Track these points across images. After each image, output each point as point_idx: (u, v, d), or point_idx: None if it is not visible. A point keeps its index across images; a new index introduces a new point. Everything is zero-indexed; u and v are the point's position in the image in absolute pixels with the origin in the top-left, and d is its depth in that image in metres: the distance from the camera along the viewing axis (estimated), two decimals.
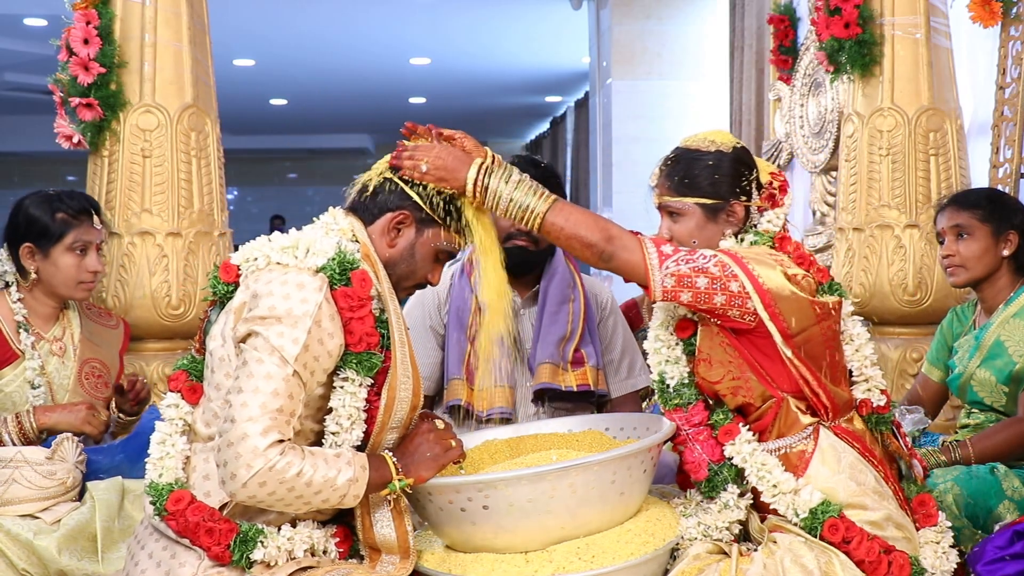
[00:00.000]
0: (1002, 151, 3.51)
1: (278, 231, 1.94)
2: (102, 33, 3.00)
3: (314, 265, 1.81)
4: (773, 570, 1.82)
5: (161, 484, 1.82)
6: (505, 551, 1.85)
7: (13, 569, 2.27)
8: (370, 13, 8.19)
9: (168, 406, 1.89)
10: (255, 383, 1.72)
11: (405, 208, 1.93)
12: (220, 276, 1.89)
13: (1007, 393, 2.55)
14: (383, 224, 1.93)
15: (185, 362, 1.92)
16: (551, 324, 2.63)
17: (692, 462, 1.97)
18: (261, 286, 1.78)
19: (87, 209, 2.59)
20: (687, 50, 7.09)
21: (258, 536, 1.77)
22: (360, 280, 1.82)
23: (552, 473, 1.81)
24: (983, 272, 2.62)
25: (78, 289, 2.60)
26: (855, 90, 3.41)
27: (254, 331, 1.75)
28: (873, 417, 2.06)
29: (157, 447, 1.86)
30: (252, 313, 1.76)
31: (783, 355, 1.93)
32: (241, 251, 1.89)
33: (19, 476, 2.35)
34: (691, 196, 2.05)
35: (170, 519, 1.78)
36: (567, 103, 12.50)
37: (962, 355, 2.66)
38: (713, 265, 1.90)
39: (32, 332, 2.59)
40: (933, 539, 2.00)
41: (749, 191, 2.06)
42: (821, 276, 2.03)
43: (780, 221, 2.07)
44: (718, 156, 2.05)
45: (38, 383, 2.55)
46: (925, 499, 2.04)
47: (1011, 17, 3.46)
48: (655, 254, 1.91)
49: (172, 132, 3.08)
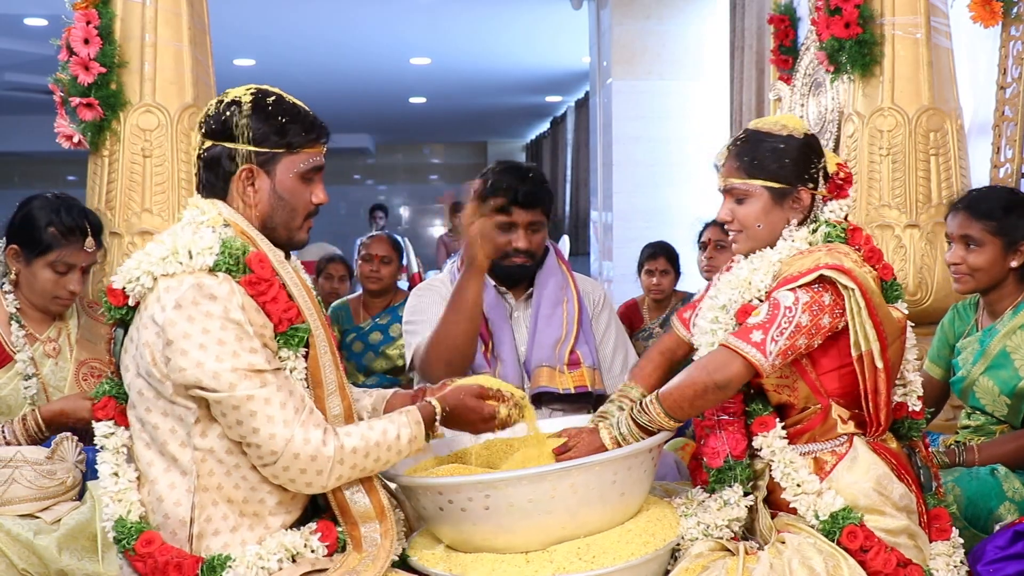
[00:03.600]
0: (1003, 151, 3.51)
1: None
2: (102, 33, 3.00)
3: (205, 266, 1.77)
4: (780, 570, 1.82)
5: (129, 523, 1.80)
6: (505, 551, 1.85)
7: (13, 569, 2.27)
8: (370, 13, 8.18)
9: (104, 436, 1.86)
10: (258, 419, 1.72)
11: (242, 163, 1.84)
12: (109, 301, 1.84)
13: (1009, 405, 2.53)
14: (235, 190, 1.85)
15: (108, 387, 1.88)
16: (546, 326, 2.64)
17: (712, 448, 1.96)
18: (173, 333, 1.72)
19: (81, 230, 2.54)
20: (687, 50, 7.08)
21: (226, 562, 1.77)
22: (259, 262, 1.79)
23: (553, 473, 1.81)
24: (989, 283, 2.59)
25: (52, 303, 2.58)
26: (855, 90, 3.41)
27: (215, 399, 1.72)
28: (907, 422, 2.05)
29: (111, 479, 1.83)
30: (185, 378, 1.71)
31: (857, 362, 1.91)
32: (121, 272, 1.83)
33: (19, 476, 2.35)
34: (759, 178, 2.01)
35: (137, 560, 1.78)
36: (567, 103, 12.49)
37: (966, 357, 2.64)
38: (802, 314, 1.87)
39: (26, 332, 2.58)
40: (946, 552, 1.99)
41: (816, 179, 2.04)
42: (885, 273, 2.01)
43: (843, 212, 2.05)
44: (788, 140, 2.02)
45: (29, 381, 2.54)
46: (941, 513, 2.03)
47: (1012, 17, 3.46)
48: (752, 350, 1.87)
49: (172, 132, 3.08)
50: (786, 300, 1.88)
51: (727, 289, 2.02)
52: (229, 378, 1.71)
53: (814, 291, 1.89)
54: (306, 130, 1.87)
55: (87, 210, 2.64)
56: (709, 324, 2.00)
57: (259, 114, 1.84)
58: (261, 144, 1.84)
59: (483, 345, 2.61)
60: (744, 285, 1.99)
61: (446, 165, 17.76)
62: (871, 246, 2.02)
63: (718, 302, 2.01)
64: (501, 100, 12.62)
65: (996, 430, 2.57)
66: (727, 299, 2.00)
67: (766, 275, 1.98)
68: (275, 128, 1.84)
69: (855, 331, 1.89)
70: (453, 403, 1.94)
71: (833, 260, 1.90)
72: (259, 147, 1.84)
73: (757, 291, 1.98)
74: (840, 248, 1.96)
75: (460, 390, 1.97)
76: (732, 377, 1.87)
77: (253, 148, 1.83)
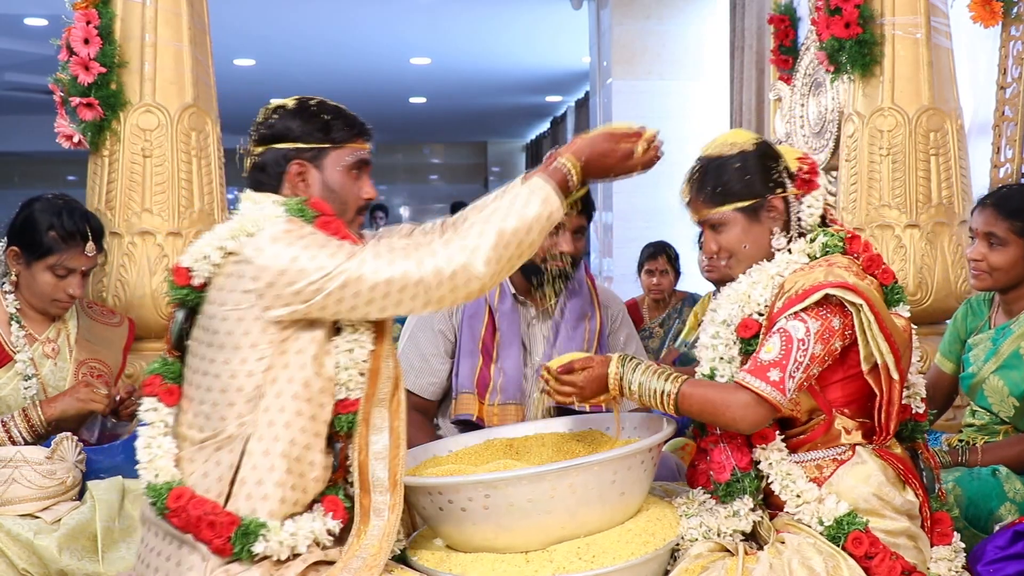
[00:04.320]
0: (1003, 151, 3.51)
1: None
2: (102, 33, 3.00)
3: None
4: (780, 571, 1.81)
5: (159, 484, 1.82)
6: (505, 551, 1.85)
7: (13, 569, 2.27)
8: (370, 13, 8.18)
9: (147, 411, 1.88)
10: (382, 272, 1.77)
11: (292, 158, 1.94)
12: (174, 280, 1.88)
13: (1016, 407, 2.52)
14: (289, 187, 1.94)
15: (157, 366, 1.91)
16: (568, 340, 2.58)
17: (718, 463, 1.95)
18: (279, 261, 1.78)
19: (82, 234, 2.54)
20: (687, 50, 7.08)
21: (259, 529, 1.77)
22: (324, 207, 1.88)
23: (552, 473, 1.81)
24: (1008, 282, 2.57)
25: (51, 306, 2.58)
26: (855, 90, 3.41)
27: (341, 283, 1.77)
28: (910, 424, 2.05)
29: (144, 451, 1.86)
30: (307, 283, 1.77)
31: (870, 374, 1.90)
32: (188, 251, 1.88)
33: (19, 476, 2.35)
34: (729, 203, 2.01)
35: (172, 516, 1.79)
36: (567, 103, 12.49)
37: (977, 355, 2.63)
38: (815, 344, 1.86)
39: (26, 332, 2.58)
40: (947, 557, 1.98)
41: (782, 182, 2.03)
42: (885, 278, 2.01)
43: (820, 203, 2.04)
44: (743, 156, 2.02)
45: (29, 381, 2.54)
46: (943, 518, 2.02)
47: (1012, 17, 3.46)
48: (771, 390, 1.85)
49: (172, 132, 3.08)
50: (797, 332, 1.87)
51: (727, 304, 2.02)
52: (341, 262, 1.77)
53: (822, 316, 1.88)
54: (349, 126, 1.98)
55: (89, 214, 2.64)
56: (710, 339, 2.01)
57: (304, 114, 1.96)
58: (309, 141, 1.93)
59: (482, 357, 2.55)
60: (744, 299, 1.99)
61: (446, 165, 17.75)
62: (870, 253, 2.01)
63: (719, 317, 2.02)
64: (501, 100, 12.62)
65: (1000, 430, 2.57)
66: (727, 314, 2.00)
67: (766, 289, 1.98)
68: (320, 125, 1.95)
69: (866, 345, 1.88)
70: (587, 153, 1.92)
71: (835, 278, 1.89)
72: (307, 144, 1.93)
73: (757, 305, 1.98)
74: (840, 262, 1.95)
75: (587, 138, 1.94)
76: (752, 421, 1.88)
77: (302, 145, 1.93)
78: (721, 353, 1.97)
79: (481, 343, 2.56)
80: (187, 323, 1.90)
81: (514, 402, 2.52)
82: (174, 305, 1.91)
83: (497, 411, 2.51)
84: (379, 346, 1.87)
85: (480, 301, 2.57)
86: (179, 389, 1.89)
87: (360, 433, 1.85)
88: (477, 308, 2.58)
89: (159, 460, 1.85)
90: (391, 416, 1.88)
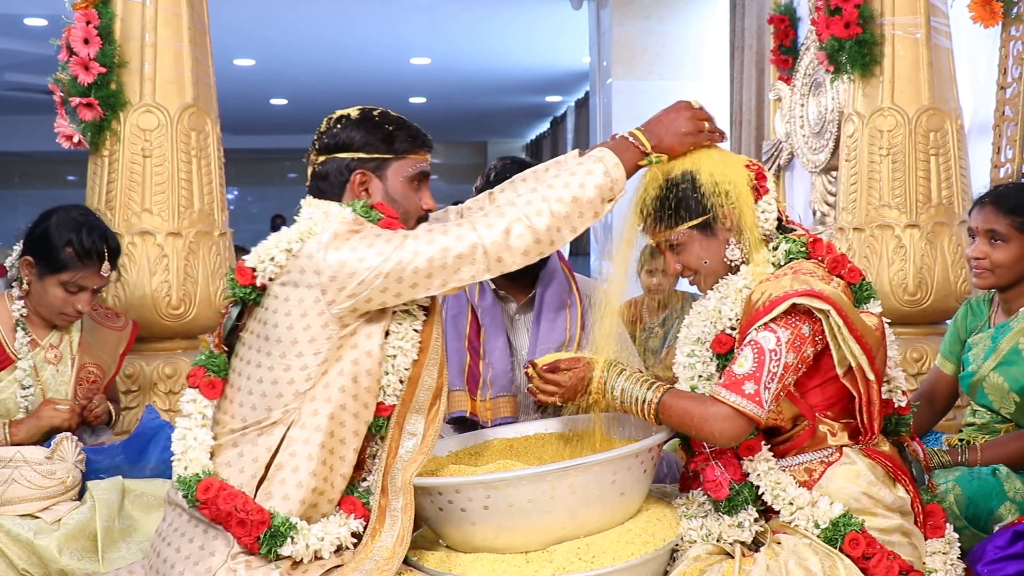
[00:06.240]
0: (1003, 151, 3.51)
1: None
2: (102, 33, 3.00)
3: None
4: (776, 572, 1.81)
5: (188, 476, 1.83)
6: (505, 551, 1.85)
7: (13, 569, 2.27)
8: (370, 13, 8.19)
9: (187, 401, 1.90)
10: (436, 246, 1.82)
11: (356, 168, 1.97)
12: (236, 279, 1.90)
13: (1017, 403, 2.52)
14: (350, 196, 1.97)
15: (203, 358, 1.93)
16: (549, 331, 2.59)
17: (713, 481, 1.94)
18: (339, 257, 1.81)
19: (99, 254, 2.52)
20: (687, 50, 7.08)
21: (289, 531, 1.78)
22: (386, 210, 1.92)
23: (552, 473, 1.81)
24: (1011, 279, 2.57)
25: (58, 318, 2.58)
26: (855, 90, 3.41)
27: (399, 268, 1.80)
28: (894, 418, 2.05)
29: (179, 443, 1.87)
30: (366, 272, 1.80)
31: (846, 376, 1.91)
32: (254, 253, 1.91)
33: (19, 476, 2.36)
34: (683, 223, 2.02)
35: (203, 508, 1.80)
36: (567, 103, 12.49)
37: (977, 354, 2.62)
38: (787, 353, 1.86)
39: (29, 337, 2.58)
40: (942, 550, 1.98)
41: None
42: (852, 276, 2.00)
43: (773, 207, 2.04)
44: (688, 174, 2.02)
45: (28, 386, 2.54)
46: (935, 510, 2.02)
47: (1012, 17, 3.46)
48: (748, 404, 1.84)
49: (172, 132, 3.08)
50: (768, 343, 1.87)
51: (699, 321, 2.03)
52: (393, 249, 1.82)
53: (792, 324, 1.88)
54: (412, 137, 2.02)
55: (108, 232, 2.60)
56: (687, 359, 2.02)
57: (367, 124, 1.99)
58: (371, 151, 1.97)
59: (470, 355, 2.56)
60: (715, 315, 2.00)
61: (446, 165, 17.75)
62: (834, 254, 2.01)
63: (692, 335, 2.03)
64: (501, 100, 12.62)
65: (1001, 428, 2.57)
66: (700, 332, 2.01)
67: (735, 303, 1.98)
68: (383, 136, 1.99)
69: (838, 349, 1.88)
70: (651, 121, 2.03)
71: (801, 285, 1.89)
72: (370, 154, 1.97)
73: (728, 320, 1.98)
74: (805, 267, 1.95)
75: (660, 118, 2.03)
76: (731, 435, 1.87)
77: (364, 155, 1.96)
78: (700, 371, 1.98)
79: (467, 341, 2.58)
80: (239, 319, 1.92)
81: (505, 394, 2.54)
82: (231, 301, 1.93)
83: (490, 405, 2.52)
84: (423, 356, 1.91)
85: (462, 301, 2.59)
86: (222, 383, 1.91)
87: (392, 436, 1.89)
88: (459, 308, 2.60)
89: (191, 452, 1.85)
90: (427, 424, 1.92)
